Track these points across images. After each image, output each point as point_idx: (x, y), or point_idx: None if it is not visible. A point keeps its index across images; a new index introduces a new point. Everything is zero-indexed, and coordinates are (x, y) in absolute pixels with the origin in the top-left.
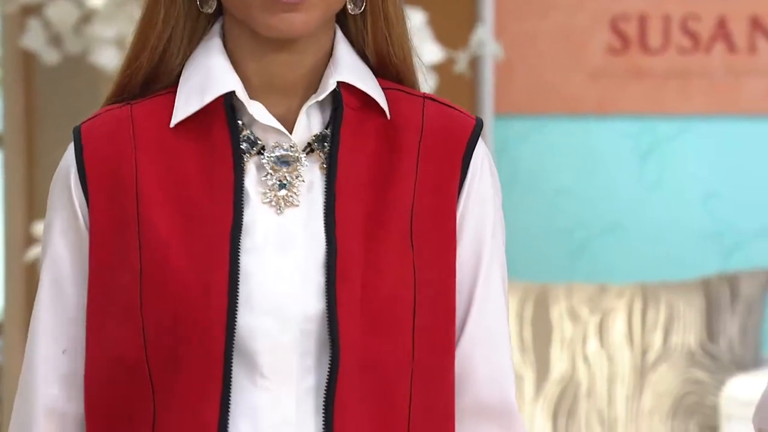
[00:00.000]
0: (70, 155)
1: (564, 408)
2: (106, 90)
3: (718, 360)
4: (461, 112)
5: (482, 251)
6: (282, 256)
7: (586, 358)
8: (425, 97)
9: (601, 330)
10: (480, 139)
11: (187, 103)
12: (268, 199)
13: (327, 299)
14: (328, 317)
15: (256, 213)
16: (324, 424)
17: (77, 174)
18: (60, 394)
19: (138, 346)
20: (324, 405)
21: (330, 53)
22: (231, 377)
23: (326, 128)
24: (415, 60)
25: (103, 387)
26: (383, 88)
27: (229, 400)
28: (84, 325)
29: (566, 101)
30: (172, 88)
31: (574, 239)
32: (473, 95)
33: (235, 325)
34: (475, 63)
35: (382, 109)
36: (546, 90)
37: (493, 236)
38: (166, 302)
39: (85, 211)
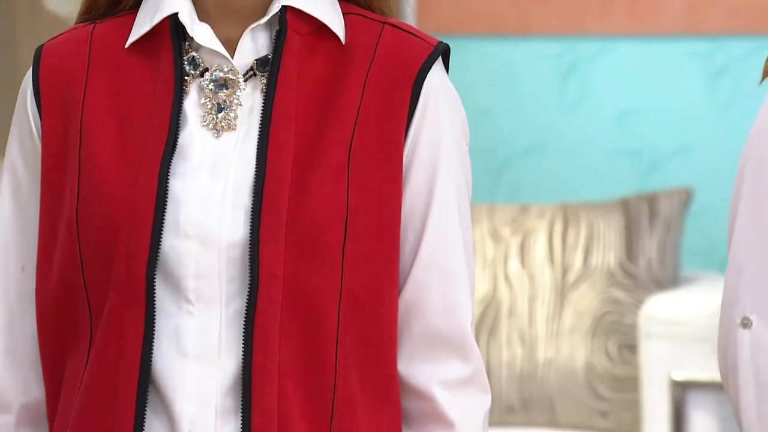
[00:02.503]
0: (29, 74)
1: (485, 327)
2: (24, 15)
3: (637, 279)
4: (421, 38)
5: (436, 179)
6: (214, 180)
7: (507, 278)
8: (386, 22)
9: (523, 250)
10: (438, 65)
11: (141, 24)
12: (206, 122)
13: (251, 224)
14: (250, 242)
15: (193, 135)
16: (243, 350)
17: (33, 94)
18: (18, 311)
19: (76, 268)
20: (244, 330)
21: None
22: (154, 300)
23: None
24: None
25: (50, 308)
26: (345, 13)
27: (154, 323)
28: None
29: (488, 21)
30: (136, 8)
31: (495, 159)
32: (395, 16)
33: (159, 248)
34: None
35: (338, 35)
36: (468, 10)
37: (450, 165)
38: (97, 224)
39: (40, 131)
